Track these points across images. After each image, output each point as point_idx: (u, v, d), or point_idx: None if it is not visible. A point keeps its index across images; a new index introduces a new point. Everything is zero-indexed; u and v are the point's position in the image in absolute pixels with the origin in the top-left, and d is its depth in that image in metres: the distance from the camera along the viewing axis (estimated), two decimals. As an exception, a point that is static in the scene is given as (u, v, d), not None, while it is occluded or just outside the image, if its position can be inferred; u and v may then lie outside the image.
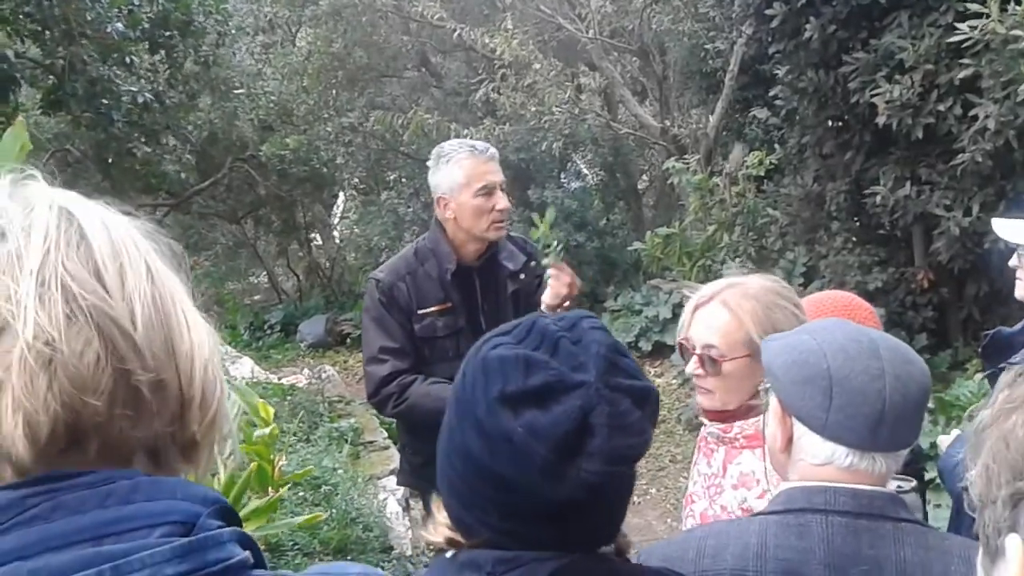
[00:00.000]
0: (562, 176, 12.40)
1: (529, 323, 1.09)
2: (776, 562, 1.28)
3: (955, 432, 2.50)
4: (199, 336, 0.82)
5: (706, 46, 9.50)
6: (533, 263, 3.12)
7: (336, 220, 15.67)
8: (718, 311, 1.83)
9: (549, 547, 1.04)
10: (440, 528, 1.13)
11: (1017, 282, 2.33)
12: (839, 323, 1.50)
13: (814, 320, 1.73)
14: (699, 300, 1.89)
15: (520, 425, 0.98)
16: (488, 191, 2.91)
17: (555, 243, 2.92)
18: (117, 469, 0.76)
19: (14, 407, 0.71)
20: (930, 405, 5.45)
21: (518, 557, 1.04)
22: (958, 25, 5.01)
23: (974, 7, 4.86)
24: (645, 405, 1.03)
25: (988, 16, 4.78)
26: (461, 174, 2.91)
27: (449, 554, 1.11)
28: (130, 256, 0.79)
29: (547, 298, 2.92)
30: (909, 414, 1.33)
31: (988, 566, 0.74)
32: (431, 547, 1.16)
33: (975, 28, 4.87)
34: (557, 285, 2.89)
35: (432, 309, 2.98)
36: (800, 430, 1.36)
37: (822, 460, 1.32)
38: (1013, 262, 2.32)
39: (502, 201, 2.95)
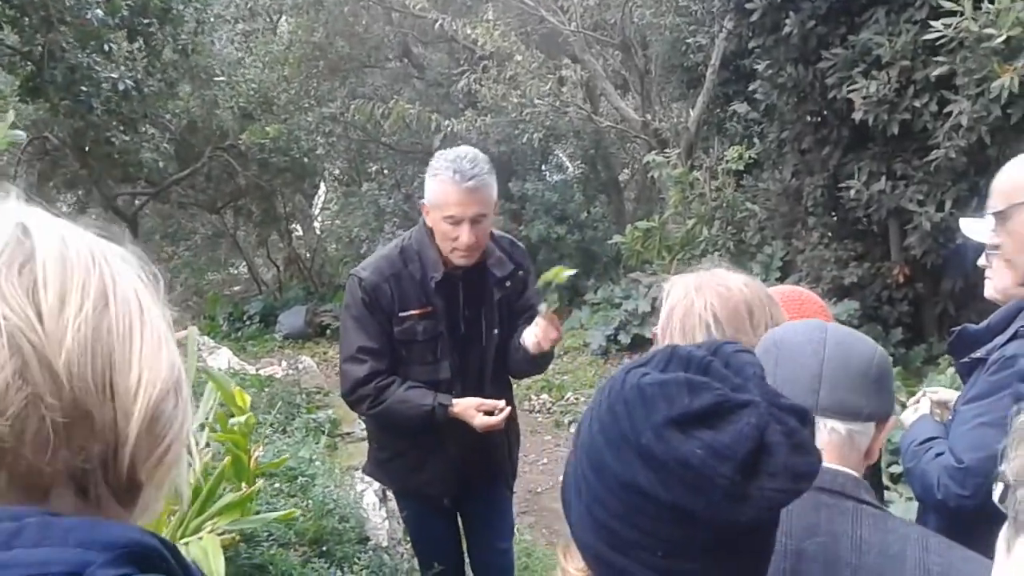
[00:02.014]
0: (543, 168, 12.42)
1: (667, 352, 1.03)
2: None
3: (922, 409, 2.52)
4: (154, 372, 0.77)
5: (687, 40, 9.55)
6: (520, 272, 3.06)
7: (317, 211, 15.62)
8: (695, 324, 1.76)
9: None
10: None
11: (986, 281, 2.35)
12: (800, 320, 1.55)
13: None
14: (677, 302, 1.81)
15: (698, 448, 0.92)
16: (455, 221, 2.79)
17: (556, 295, 2.87)
18: (23, 505, 0.71)
19: None
20: (903, 399, 5.55)
21: None
22: (932, 23, 5.04)
23: (947, 5, 4.89)
24: (807, 423, 0.99)
25: (962, 14, 4.82)
26: (438, 195, 2.81)
27: None
28: (82, 281, 0.75)
29: (530, 343, 2.91)
30: (851, 378, 1.35)
31: (1012, 537, 0.79)
32: None
33: (949, 26, 4.90)
34: (544, 337, 2.88)
35: (413, 312, 2.93)
36: None
37: None
38: (982, 262, 2.33)
39: (464, 236, 2.79)
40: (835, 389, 1.34)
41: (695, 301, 1.76)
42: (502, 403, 2.94)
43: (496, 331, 3.04)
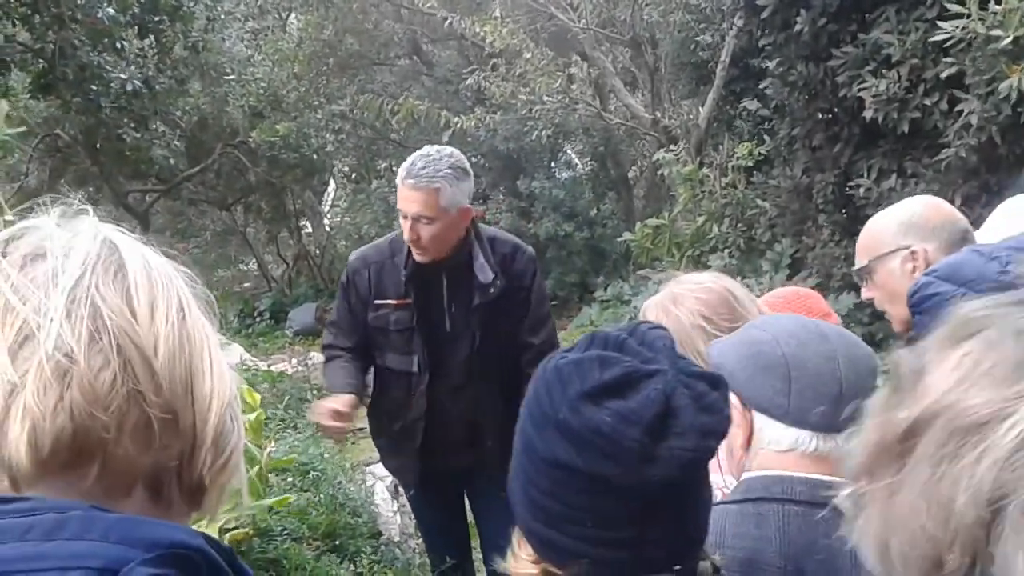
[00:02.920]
0: (552, 165, 12.42)
1: (587, 336, 1.10)
2: (733, 551, 1.29)
3: None
4: (222, 382, 0.83)
5: (697, 38, 9.53)
6: (500, 281, 2.93)
7: (326, 208, 15.66)
8: (690, 334, 1.74)
9: (645, 550, 1.03)
10: (525, 563, 1.11)
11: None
12: (784, 315, 1.51)
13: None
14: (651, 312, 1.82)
15: (608, 416, 0.98)
16: (403, 216, 2.84)
17: None
18: (103, 500, 0.73)
19: (23, 414, 0.72)
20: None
21: None
22: (940, 24, 5.03)
23: (954, 8, 4.87)
24: (719, 387, 1.04)
25: (968, 16, 4.80)
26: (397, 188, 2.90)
27: None
28: (165, 293, 0.81)
29: None
30: (864, 394, 1.34)
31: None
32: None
33: (956, 27, 4.89)
34: None
35: (389, 302, 2.97)
36: (761, 421, 1.37)
37: (786, 447, 1.33)
38: (866, 293, 2.26)
39: (407, 232, 2.82)
40: (852, 406, 1.33)
41: (680, 315, 1.76)
42: (349, 414, 2.92)
43: (477, 334, 2.98)
